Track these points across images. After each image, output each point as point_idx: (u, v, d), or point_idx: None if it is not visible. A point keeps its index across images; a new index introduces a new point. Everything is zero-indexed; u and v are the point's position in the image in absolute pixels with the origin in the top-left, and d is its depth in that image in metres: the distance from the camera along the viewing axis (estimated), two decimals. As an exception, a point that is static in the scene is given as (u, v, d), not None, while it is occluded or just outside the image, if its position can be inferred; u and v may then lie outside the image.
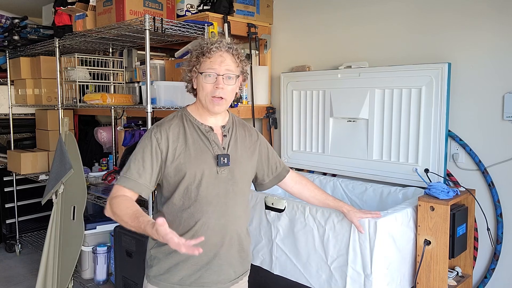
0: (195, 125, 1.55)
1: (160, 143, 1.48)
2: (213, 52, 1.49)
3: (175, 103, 2.62)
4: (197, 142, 1.52)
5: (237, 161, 1.57)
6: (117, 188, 1.47)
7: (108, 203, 1.44)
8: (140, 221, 1.31)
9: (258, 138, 1.70)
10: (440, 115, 2.27)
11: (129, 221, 1.35)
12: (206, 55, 1.49)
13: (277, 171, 1.77)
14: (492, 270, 2.28)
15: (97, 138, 3.90)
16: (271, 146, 1.79)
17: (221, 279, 1.55)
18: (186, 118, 1.56)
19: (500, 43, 2.20)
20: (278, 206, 2.16)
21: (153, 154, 1.47)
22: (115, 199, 1.43)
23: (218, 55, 1.49)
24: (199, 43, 1.53)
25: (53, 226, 3.09)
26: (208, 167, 1.50)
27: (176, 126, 1.53)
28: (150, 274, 1.56)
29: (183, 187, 1.49)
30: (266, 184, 1.76)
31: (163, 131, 1.50)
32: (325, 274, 1.98)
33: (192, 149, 1.50)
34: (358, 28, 2.75)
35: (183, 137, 1.51)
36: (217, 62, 1.48)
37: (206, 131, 1.54)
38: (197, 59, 1.51)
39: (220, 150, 1.54)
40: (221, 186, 1.52)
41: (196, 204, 1.49)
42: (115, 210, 1.40)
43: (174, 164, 1.48)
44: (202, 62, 1.50)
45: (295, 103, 2.93)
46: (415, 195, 2.24)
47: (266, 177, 1.74)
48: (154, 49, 3.49)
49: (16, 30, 3.42)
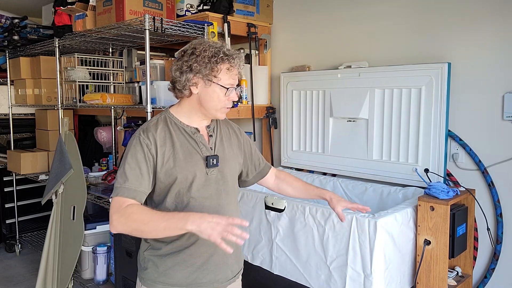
0: (180, 127, 1.52)
1: (150, 149, 1.45)
2: (234, 65, 1.48)
3: (174, 103, 2.61)
4: (184, 145, 1.50)
5: (225, 160, 1.56)
6: (119, 201, 1.39)
7: (117, 218, 1.36)
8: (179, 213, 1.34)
9: (242, 135, 1.70)
10: (440, 115, 2.27)
11: (160, 218, 1.31)
12: (227, 67, 1.46)
13: (260, 167, 1.76)
14: (492, 270, 2.28)
15: (97, 138, 3.90)
16: (253, 142, 1.77)
17: (218, 279, 1.55)
18: (170, 120, 1.53)
19: (500, 43, 2.20)
20: (278, 206, 2.16)
21: (147, 160, 1.44)
22: (130, 208, 1.35)
23: (236, 67, 1.49)
24: (212, 47, 1.45)
25: (53, 226, 3.09)
26: (198, 169, 1.49)
27: (162, 130, 1.49)
28: (144, 276, 1.54)
29: (174, 191, 1.47)
30: (249, 181, 1.75)
31: (150, 135, 1.47)
32: (324, 274, 1.98)
33: (181, 153, 1.48)
34: (358, 28, 2.75)
35: (170, 141, 1.48)
36: (235, 76, 1.49)
37: (193, 132, 1.52)
38: (215, 67, 1.44)
39: (208, 151, 1.52)
40: (213, 186, 1.51)
41: (189, 206, 1.47)
42: (136, 217, 1.34)
43: (164, 169, 1.45)
44: (221, 72, 1.45)
45: (295, 103, 2.93)
46: (415, 195, 2.24)
47: (250, 174, 1.73)
48: (154, 49, 3.48)
49: (16, 30, 3.42)
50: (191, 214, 1.29)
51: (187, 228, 1.27)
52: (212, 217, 1.27)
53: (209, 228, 1.24)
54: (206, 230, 1.24)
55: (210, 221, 1.25)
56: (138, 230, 1.36)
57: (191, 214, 1.29)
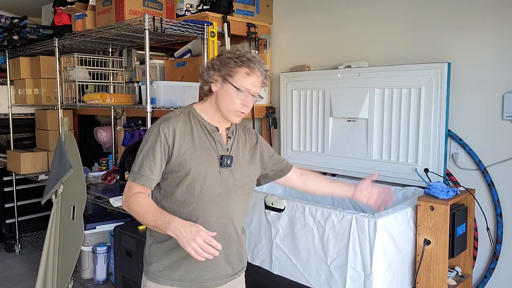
0: (202, 124, 1.56)
1: (168, 139, 1.49)
2: (254, 72, 1.49)
3: (174, 103, 2.62)
4: (203, 141, 1.54)
5: (239, 164, 1.59)
6: (131, 185, 1.51)
7: (125, 200, 1.50)
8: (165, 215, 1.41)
9: (258, 140, 1.72)
10: (439, 114, 2.27)
11: (151, 216, 1.42)
12: (246, 71, 1.49)
13: (282, 166, 1.79)
14: (492, 270, 2.28)
15: (96, 138, 3.90)
16: (270, 146, 1.81)
17: (220, 276, 1.58)
18: (193, 116, 1.57)
19: (499, 42, 2.20)
20: (278, 206, 2.16)
21: (162, 149, 1.49)
22: (132, 198, 1.48)
23: (256, 75, 1.50)
24: (238, 51, 1.51)
25: (52, 226, 3.09)
26: (212, 166, 1.52)
27: (183, 123, 1.54)
28: (149, 270, 1.57)
29: (186, 184, 1.50)
30: (271, 176, 1.78)
31: (170, 126, 1.51)
32: (324, 274, 1.98)
33: (198, 147, 1.52)
34: (358, 28, 2.75)
35: (190, 134, 1.53)
36: (255, 83, 1.50)
37: (212, 130, 1.56)
38: (234, 68, 1.49)
39: (224, 151, 1.56)
40: (224, 185, 1.54)
41: (198, 201, 1.51)
42: (134, 208, 1.46)
43: (179, 160, 1.49)
44: (238, 74, 1.48)
45: (295, 102, 2.93)
46: (415, 194, 2.24)
47: (270, 171, 1.76)
48: (153, 49, 3.48)
49: (16, 30, 3.42)
50: (172, 221, 1.38)
51: (168, 233, 1.39)
52: (190, 230, 1.34)
53: (184, 240, 1.34)
54: (182, 242, 1.35)
55: (186, 236, 1.34)
56: (136, 218, 1.48)
57: (172, 221, 1.38)
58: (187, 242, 1.33)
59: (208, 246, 1.33)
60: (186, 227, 1.35)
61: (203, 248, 1.33)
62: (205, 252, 1.33)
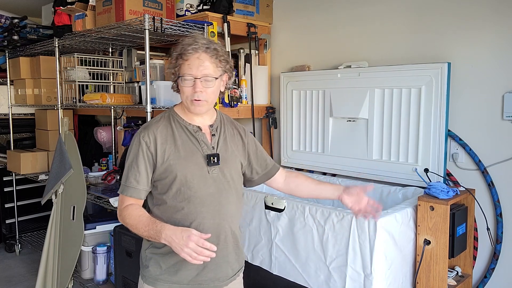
0: (183, 125, 1.54)
1: (149, 146, 1.48)
2: (190, 54, 1.45)
3: (174, 103, 2.58)
4: (186, 143, 1.51)
5: (227, 160, 1.56)
6: (122, 198, 1.52)
7: (119, 214, 1.52)
8: (157, 224, 1.41)
9: (246, 136, 1.69)
10: (439, 114, 2.27)
11: (143, 227, 1.43)
12: (184, 57, 1.46)
13: (267, 168, 1.74)
14: (492, 270, 2.28)
15: (96, 138, 3.90)
16: (259, 144, 1.76)
17: (219, 277, 1.56)
18: (173, 118, 1.55)
19: (499, 42, 2.20)
20: (278, 206, 2.16)
21: (146, 158, 1.48)
22: (125, 211, 1.49)
23: (195, 58, 1.45)
24: (179, 44, 1.50)
25: (53, 226, 3.09)
26: (199, 167, 1.50)
27: (164, 127, 1.52)
28: (146, 274, 1.56)
29: (175, 189, 1.49)
30: (255, 181, 1.74)
31: (151, 133, 1.50)
32: (323, 275, 1.98)
33: (182, 150, 1.50)
34: (358, 28, 2.75)
35: (172, 138, 1.51)
36: (195, 66, 1.44)
37: (195, 131, 1.54)
38: (176, 61, 1.49)
39: (210, 150, 1.53)
40: (214, 185, 1.52)
41: (190, 205, 1.49)
42: (127, 221, 1.48)
43: (164, 166, 1.48)
44: (181, 65, 1.47)
45: (295, 103, 2.93)
46: (415, 195, 2.24)
47: (255, 174, 1.72)
48: (153, 48, 3.48)
49: (16, 30, 3.42)
50: (163, 230, 1.38)
51: (161, 241, 1.39)
52: (182, 236, 1.34)
53: (177, 247, 1.34)
54: (176, 249, 1.35)
55: (178, 243, 1.33)
56: (131, 230, 1.49)
57: (164, 229, 1.37)
58: (180, 248, 1.33)
59: (202, 249, 1.32)
60: (177, 233, 1.34)
61: (197, 252, 1.32)
62: (200, 256, 1.32)
